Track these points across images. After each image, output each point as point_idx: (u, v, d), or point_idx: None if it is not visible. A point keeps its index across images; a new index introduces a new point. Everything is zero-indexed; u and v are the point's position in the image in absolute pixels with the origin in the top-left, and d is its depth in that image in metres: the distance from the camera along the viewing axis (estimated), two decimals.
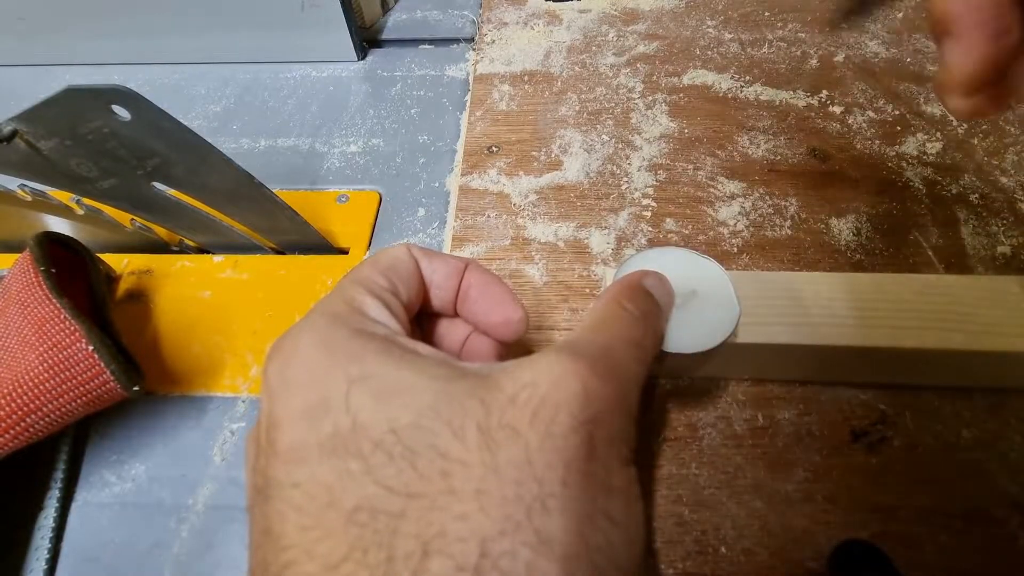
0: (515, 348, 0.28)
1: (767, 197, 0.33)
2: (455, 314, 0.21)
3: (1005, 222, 0.31)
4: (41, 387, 0.24)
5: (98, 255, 0.31)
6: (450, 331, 0.22)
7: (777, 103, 0.37)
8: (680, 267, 0.22)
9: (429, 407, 0.14)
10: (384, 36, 0.45)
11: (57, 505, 0.26)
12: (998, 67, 0.15)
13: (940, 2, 0.15)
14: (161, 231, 0.34)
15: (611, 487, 0.15)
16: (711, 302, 0.22)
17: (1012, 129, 0.35)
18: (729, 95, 0.38)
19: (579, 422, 0.14)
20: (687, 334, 0.20)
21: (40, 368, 0.24)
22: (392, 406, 0.14)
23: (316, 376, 0.15)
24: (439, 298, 0.21)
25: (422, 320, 0.22)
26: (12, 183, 0.30)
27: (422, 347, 0.17)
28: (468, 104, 0.39)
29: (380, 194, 0.36)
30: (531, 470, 0.13)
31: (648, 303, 0.19)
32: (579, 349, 0.16)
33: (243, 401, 0.29)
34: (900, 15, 0.41)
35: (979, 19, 0.14)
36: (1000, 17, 0.14)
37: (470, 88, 0.40)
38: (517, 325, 0.21)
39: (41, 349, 0.24)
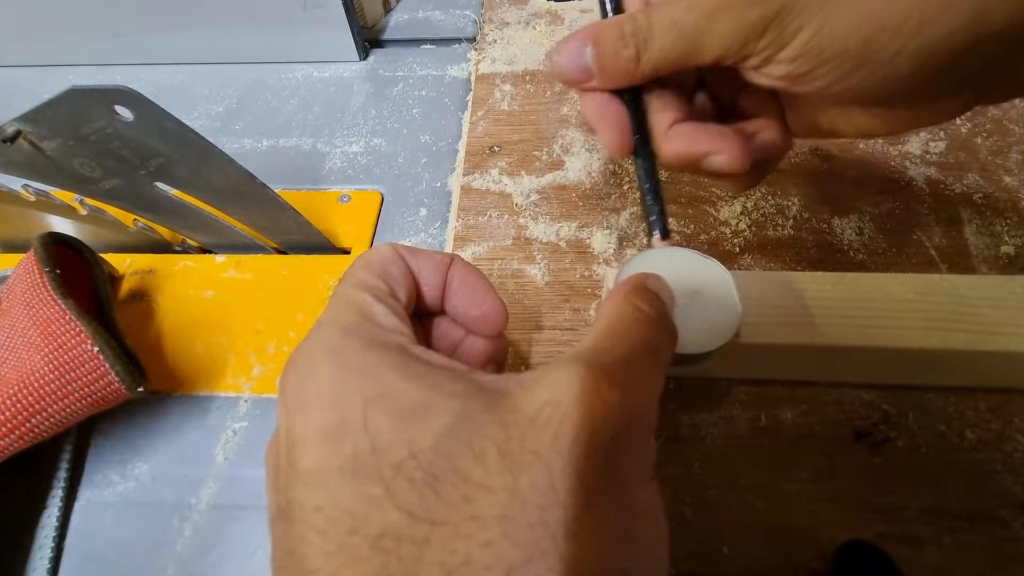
0: (513, 353, 0.28)
1: (769, 196, 0.33)
2: (443, 311, 0.21)
3: (1009, 222, 0.31)
4: (46, 388, 0.24)
5: (101, 255, 0.31)
6: (445, 332, 0.22)
7: None
8: (683, 267, 0.22)
9: (448, 429, 0.14)
10: (386, 36, 0.45)
11: (60, 504, 0.27)
12: (625, 145, 0.21)
13: (583, 112, 0.22)
14: (164, 231, 0.34)
15: (635, 506, 0.15)
16: (713, 302, 0.21)
17: (1016, 128, 0.34)
18: None
19: (601, 442, 0.14)
20: (689, 335, 0.20)
21: (45, 369, 0.24)
22: (411, 428, 0.14)
23: (332, 395, 0.15)
24: (427, 296, 0.21)
25: (416, 319, 0.22)
26: (16, 183, 0.30)
27: (435, 356, 0.17)
28: (470, 104, 0.39)
29: (382, 194, 0.36)
30: (555, 495, 0.13)
31: (660, 304, 0.18)
32: (596, 360, 0.15)
33: (246, 400, 0.29)
34: None
35: (602, 122, 0.21)
36: (614, 118, 0.21)
37: (472, 88, 0.40)
38: (495, 319, 0.21)
39: (47, 350, 0.24)
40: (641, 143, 0.21)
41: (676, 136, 0.21)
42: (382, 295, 0.18)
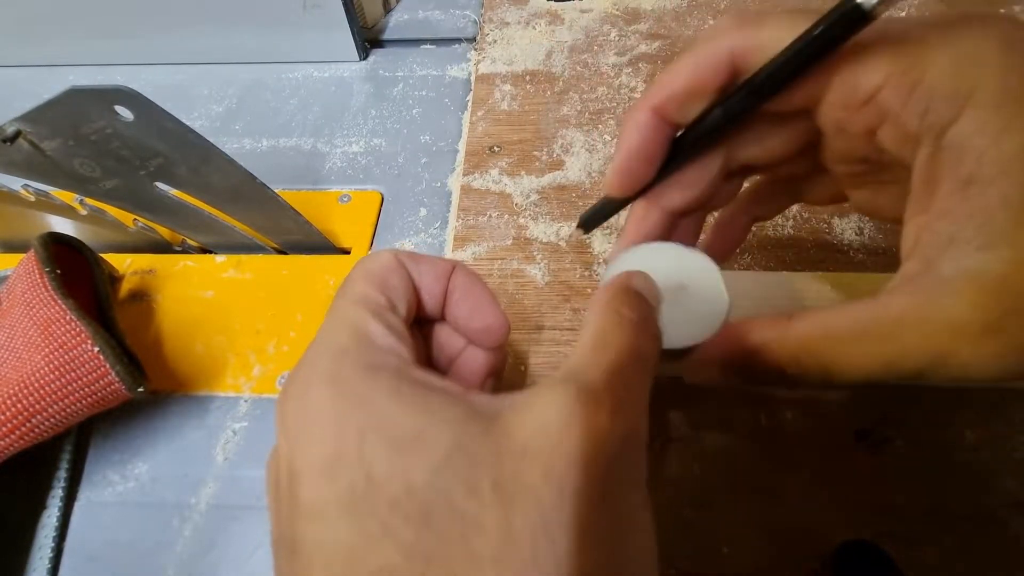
0: (512, 354, 0.28)
1: None
2: (443, 318, 0.21)
3: None
4: (47, 388, 0.24)
5: (101, 255, 0.31)
6: (445, 341, 0.22)
7: None
8: (668, 262, 0.22)
9: (443, 460, 0.14)
10: (386, 36, 0.45)
11: (60, 504, 0.27)
12: (633, 189, 0.20)
13: (622, 129, 0.19)
14: (164, 231, 0.34)
15: (626, 530, 0.14)
16: (699, 295, 0.21)
17: None
18: None
19: (594, 473, 0.14)
20: (676, 329, 0.20)
21: (46, 369, 0.24)
22: (406, 459, 0.14)
23: (330, 425, 0.15)
24: (428, 304, 0.20)
25: (415, 326, 0.21)
26: (16, 183, 0.30)
27: (431, 378, 0.16)
28: (470, 104, 0.39)
29: (382, 194, 0.36)
30: (546, 531, 0.13)
31: (644, 307, 0.18)
32: (585, 379, 0.15)
33: (245, 400, 0.29)
34: (903, 13, 0.41)
35: (633, 155, 0.19)
36: (649, 158, 0.19)
37: (472, 88, 0.40)
38: (497, 333, 0.21)
39: (47, 350, 0.24)
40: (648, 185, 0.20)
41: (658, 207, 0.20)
42: (381, 310, 0.18)
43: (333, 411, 0.15)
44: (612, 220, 0.32)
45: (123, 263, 0.33)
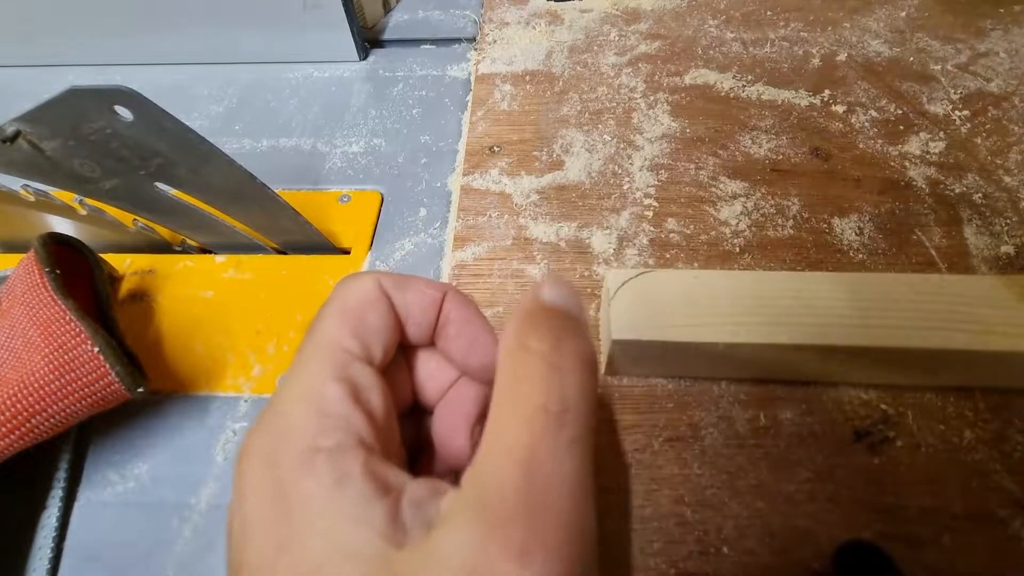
0: None
1: (769, 197, 0.33)
2: (432, 345, 0.19)
3: (1008, 222, 0.31)
4: (46, 388, 0.24)
5: (101, 255, 0.31)
6: (434, 372, 0.20)
7: (779, 102, 0.37)
8: None
9: None
10: (386, 36, 0.45)
11: (60, 504, 0.27)
12: None
13: None
14: (163, 231, 0.34)
15: None
16: None
17: (1016, 128, 0.34)
18: (731, 95, 0.38)
19: None
20: None
21: (46, 369, 0.24)
22: None
23: (258, 530, 0.14)
24: (415, 334, 0.18)
25: (400, 351, 0.19)
26: (15, 183, 0.30)
27: (366, 482, 0.14)
28: (470, 104, 0.39)
29: (382, 194, 0.36)
30: None
31: (563, 325, 0.14)
32: (492, 504, 0.12)
33: (245, 401, 0.29)
34: (903, 14, 0.41)
35: None
36: None
37: (472, 88, 0.40)
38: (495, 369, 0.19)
39: (47, 351, 0.24)
40: None
41: None
42: (348, 363, 0.16)
43: (263, 516, 0.14)
44: (613, 223, 0.32)
45: (123, 263, 0.33)
